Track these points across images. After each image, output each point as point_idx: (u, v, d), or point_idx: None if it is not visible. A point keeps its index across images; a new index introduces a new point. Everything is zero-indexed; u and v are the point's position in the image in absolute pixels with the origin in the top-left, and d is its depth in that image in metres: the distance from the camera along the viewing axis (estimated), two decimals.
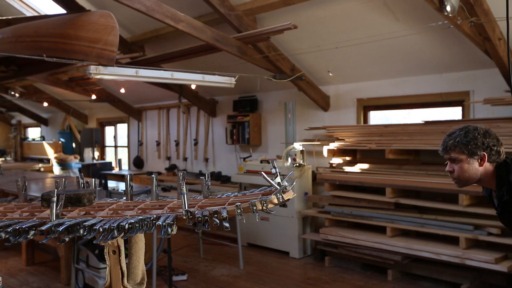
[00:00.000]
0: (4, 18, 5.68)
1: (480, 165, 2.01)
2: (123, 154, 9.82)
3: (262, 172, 2.20)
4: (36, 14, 6.57)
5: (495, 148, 2.00)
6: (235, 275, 4.89)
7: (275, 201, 2.05)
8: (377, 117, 5.75)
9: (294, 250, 5.51)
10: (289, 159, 5.66)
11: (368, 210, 4.81)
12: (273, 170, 2.20)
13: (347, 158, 5.40)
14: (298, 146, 5.65)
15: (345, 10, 4.46)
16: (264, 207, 2.01)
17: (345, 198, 5.00)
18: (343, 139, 5.34)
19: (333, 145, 5.33)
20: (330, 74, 5.42)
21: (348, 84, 5.69)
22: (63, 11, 5.80)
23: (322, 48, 5.03)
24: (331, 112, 5.92)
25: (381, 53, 4.88)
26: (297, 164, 5.54)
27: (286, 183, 2.17)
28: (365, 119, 5.70)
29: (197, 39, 4.62)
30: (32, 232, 1.97)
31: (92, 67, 4.05)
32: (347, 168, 5.15)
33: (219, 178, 7.05)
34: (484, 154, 1.99)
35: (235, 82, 5.13)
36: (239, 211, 1.93)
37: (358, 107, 5.64)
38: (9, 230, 1.94)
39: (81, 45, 3.90)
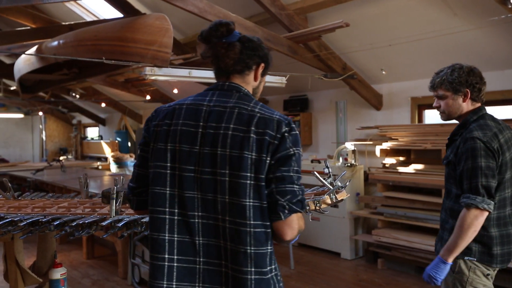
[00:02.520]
0: (67, 23, 5.99)
1: (464, 101, 2.20)
2: None
3: (315, 172, 2.18)
4: (95, 19, 6.86)
5: (477, 85, 2.18)
6: (286, 274, 4.89)
7: (328, 201, 2.03)
8: (432, 116, 5.55)
9: (346, 251, 5.43)
10: (341, 159, 5.59)
11: (423, 212, 4.66)
12: (326, 170, 2.18)
13: (401, 158, 5.25)
14: (349, 145, 5.57)
15: (399, 6, 4.34)
16: (317, 207, 2.01)
17: (399, 199, 4.87)
18: (397, 139, 5.20)
19: (386, 145, 5.20)
20: (383, 72, 5.30)
21: (402, 82, 5.53)
22: (120, 15, 6.03)
23: (375, 46, 4.92)
24: (383, 111, 5.78)
25: (437, 49, 4.70)
26: (349, 164, 5.45)
27: (340, 183, 2.15)
28: (420, 118, 5.52)
29: None
30: (94, 227, 2.07)
31: (147, 68, 4.19)
32: (401, 169, 5.01)
33: None
34: (467, 91, 2.18)
35: (286, 82, 5.13)
36: None
37: (413, 106, 5.48)
38: (73, 224, 2.05)
39: (137, 47, 4.04)
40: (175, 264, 1.44)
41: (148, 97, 8.67)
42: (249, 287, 1.39)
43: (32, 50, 5.36)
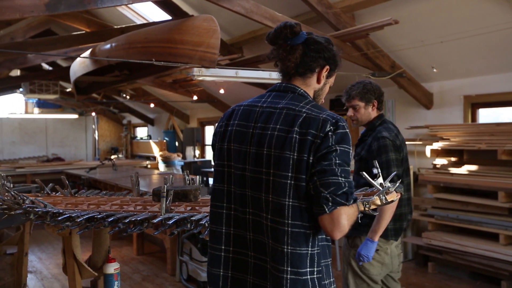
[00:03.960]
0: (119, 27, 6.21)
1: (372, 109, 2.68)
2: None
3: (363, 172, 2.15)
4: (145, 21, 7.07)
5: (381, 98, 2.70)
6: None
7: (378, 202, 1.99)
8: (486, 115, 5.32)
9: None
10: None
11: (477, 215, 4.48)
12: (375, 170, 2.13)
13: (453, 159, 5.07)
14: None
15: (452, 1, 4.18)
16: (366, 208, 1.97)
17: (450, 201, 4.70)
18: (448, 139, 5.02)
19: (437, 145, 5.04)
20: (434, 70, 5.13)
21: (454, 80, 5.33)
22: (169, 17, 6.18)
23: (425, 43, 4.77)
24: (434, 110, 5.59)
25: (492, 46, 4.50)
26: None
27: (389, 184, 2.10)
28: (473, 118, 5.30)
29: None
30: (145, 224, 2.13)
31: (195, 69, 4.28)
32: (453, 170, 4.84)
33: None
34: (375, 102, 2.67)
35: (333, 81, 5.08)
36: None
37: (465, 105, 5.27)
38: (126, 221, 2.12)
39: (185, 49, 4.12)
40: (231, 256, 1.53)
41: (195, 98, 8.83)
42: (285, 286, 1.40)
43: (87, 53, 5.60)
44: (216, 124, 1.67)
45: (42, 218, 2.32)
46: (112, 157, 9.97)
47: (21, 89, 10.06)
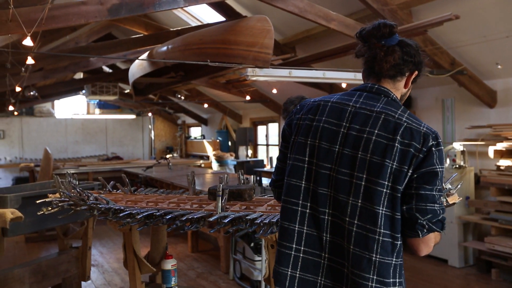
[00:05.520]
0: (174, 29, 6.38)
1: None
2: (274, 152, 10.22)
3: None
4: (200, 23, 7.22)
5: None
6: None
7: None
8: None
9: (454, 258, 5.09)
10: (448, 160, 5.25)
11: None
12: None
13: None
14: (458, 146, 5.22)
15: None
16: None
17: None
18: None
19: (501, 146, 4.78)
20: (499, 66, 4.87)
21: None
22: (223, 19, 6.28)
23: (489, 38, 4.55)
24: (498, 109, 5.31)
25: None
26: (457, 166, 5.11)
27: (450, 186, 2.02)
28: None
29: (349, 37, 4.58)
30: (201, 222, 2.17)
31: (249, 69, 4.31)
32: None
33: None
34: None
35: None
36: None
37: None
38: (183, 219, 2.17)
39: (240, 49, 4.17)
40: (301, 255, 1.48)
41: (248, 98, 8.90)
42: None
43: (145, 55, 5.80)
44: (290, 115, 1.62)
45: (104, 214, 2.43)
46: (168, 156, 10.25)
47: (83, 91, 10.58)
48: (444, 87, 5.89)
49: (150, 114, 13.20)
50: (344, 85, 6.75)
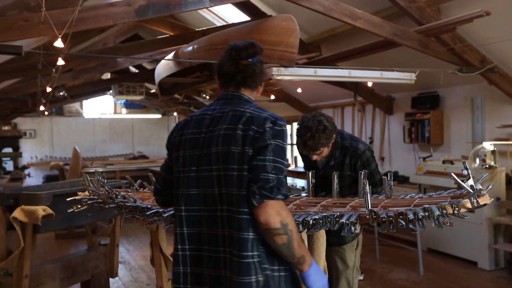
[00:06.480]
0: (200, 29, 6.43)
1: (333, 139, 2.70)
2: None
3: (452, 174, 2.05)
4: (225, 23, 7.25)
5: (334, 125, 2.66)
6: (415, 280, 4.65)
7: (469, 205, 1.88)
8: None
9: (484, 261, 4.98)
10: (477, 160, 5.13)
11: None
12: (465, 172, 2.02)
13: None
14: (488, 145, 5.09)
15: None
16: (455, 211, 1.87)
17: None
18: None
19: None
20: None
21: None
22: (248, 18, 6.29)
23: None
24: None
25: None
26: (487, 166, 4.98)
27: (481, 186, 1.98)
28: None
29: (375, 35, 4.53)
30: None
31: (274, 68, 4.30)
32: None
33: (396, 178, 6.78)
34: (334, 136, 2.70)
35: (415, 78, 4.87)
36: (427, 213, 1.82)
37: None
38: None
39: (264, 49, 4.15)
40: (188, 253, 1.67)
41: (272, 97, 8.90)
42: (232, 268, 1.55)
43: (170, 55, 5.86)
44: (169, 135, 1.82)
45: (132, 212, 2.46)
46: None
47: (111, 91, 10.78)
48: (473, 85, 5.75)
49: (175, 113, 13.33)
50: (370, 84, 6.68)
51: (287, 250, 1.54)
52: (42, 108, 9.05)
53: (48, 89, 6.82)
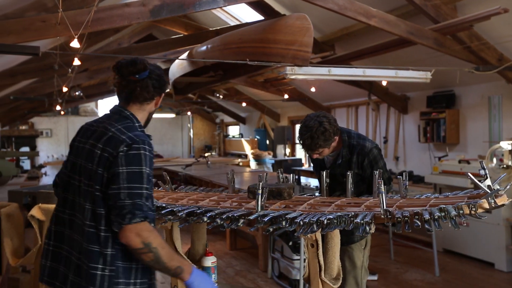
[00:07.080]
0: (214, 29, 6.45)
1: (333, 141, 2.66)
2: None
3: (469, 173, 2.02)
4: (239, 23, 7.26)
5: (337, 126, 2.65)
6: (430, 281, 4.60)
7: (486, 205, 1.86)
8: None
9: (501, 262, 4.90)
10: (495, 160, 5.05)
11: None
12: (482, 172, 1.99)
13: None
14: (506, 145, 5.00)
15: None
16: (472, 211, 1.85)
17: None
18: None
19: None
20: None
21: None
22: (261, 18, 6.29)
23: None
24: None
25: None
26: (505, 166, 4.90)
27: (498, 187, 1.95)
28: None
29: (390, 33, 4.49)
30: (241, 221, 2.18)
31: (288, 68, 4.29)
32: None
33: (411, 177, 6.72)
34: (336, 137, 2.67)
35: (431, 77, 4.82)
36: (443, 214, 1.80)
37: None
38: (223, 217, 2.19)
39: (278, 48, 4.16)
40: (51, 248, 1.80)
41: (286, 96, 8.87)
42: (81, 274, 1.65)
43: (184, 55, 5.89)
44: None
45: None
46: (206, 154, 10.39)
47: None
48: (490, 83, 5.67)
49: (189, 113, 13.39)
50: (384, 83, 6.62)
51: (158, 265, 1.64)
52: (58, 107, 9.17)
53: (64, 89, 6.90)
